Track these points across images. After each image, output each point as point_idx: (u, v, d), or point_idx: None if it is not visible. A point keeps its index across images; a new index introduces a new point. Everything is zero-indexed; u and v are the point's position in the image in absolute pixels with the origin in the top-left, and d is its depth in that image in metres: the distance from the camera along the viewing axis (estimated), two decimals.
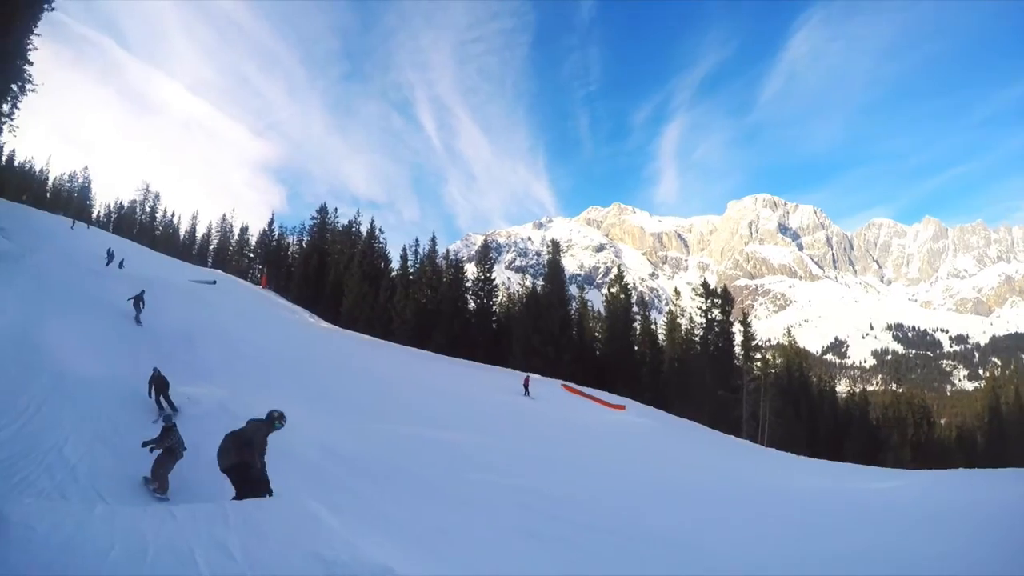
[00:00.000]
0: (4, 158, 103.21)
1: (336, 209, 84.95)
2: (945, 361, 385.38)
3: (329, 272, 73.13)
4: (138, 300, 27.25)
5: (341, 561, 6.45)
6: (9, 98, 39.69)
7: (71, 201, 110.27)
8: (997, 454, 66.51)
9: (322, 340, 46.24)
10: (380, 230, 75.79)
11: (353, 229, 77.93)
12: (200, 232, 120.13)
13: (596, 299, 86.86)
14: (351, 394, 26.52)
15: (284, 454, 13.81)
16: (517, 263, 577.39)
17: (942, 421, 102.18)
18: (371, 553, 7.05)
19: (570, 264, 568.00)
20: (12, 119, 40.91)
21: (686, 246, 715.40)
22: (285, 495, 9.38)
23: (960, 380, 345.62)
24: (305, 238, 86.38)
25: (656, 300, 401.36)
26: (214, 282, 53.72)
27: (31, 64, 39.71)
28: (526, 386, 43.60)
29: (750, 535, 18.50)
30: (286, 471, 11.81)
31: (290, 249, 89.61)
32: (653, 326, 76.44)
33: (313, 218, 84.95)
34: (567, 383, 54.05)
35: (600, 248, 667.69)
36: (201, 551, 6.24)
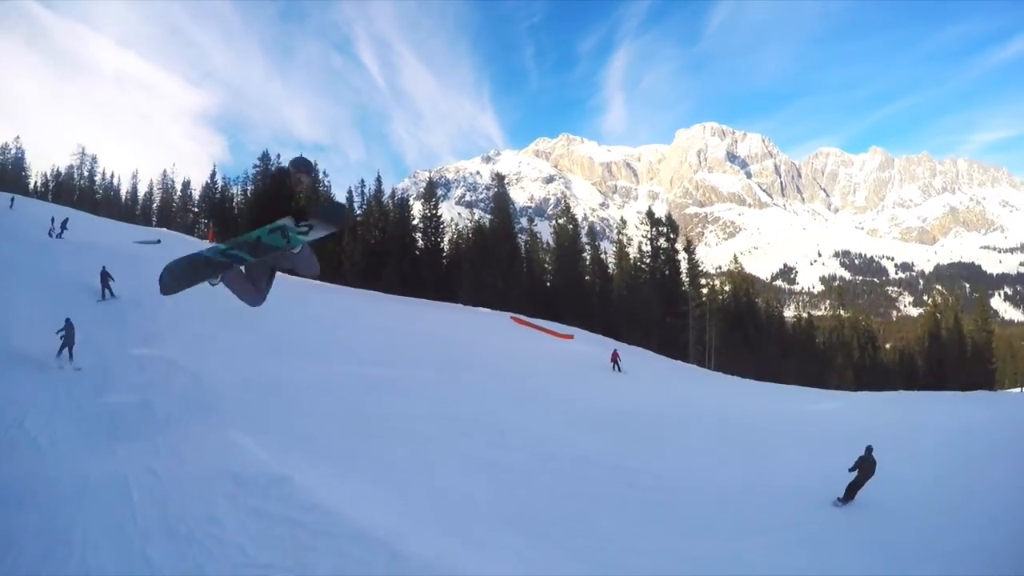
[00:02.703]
0: None
1: (279, 155, 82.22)
2: (891, 288, 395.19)
3: (274, 219, 71.59)
4: (104, 277, 27.03)
5: (248, 475, 7.39)
6: None
7: (5, 174, 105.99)
8: (937, 377, 69.29)
9: (272, 289, 45.91)
10: (324, 173, 75.00)
11: None
12: (142, 192, 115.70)
13: (546, 231, 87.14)
14: (301, 339, 26.70)
15: (232, 398, 14.34)
16: (467, 198, 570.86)
17: (887, 346, 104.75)
18: (275, 468, 7.94)
19: (520, 196, 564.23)
20: None
21: (635, 175, 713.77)
22: (214, 428, 10.05)
23: (906, 306, 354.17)
24: (249, 187, 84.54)
25: (607, 230, 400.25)
26: (158, 241, 52.33)
27: None
28: (615, 361, 39.72)
29: (682, 455, 19.58)
30: (232, 411, 12.35)
31: (235, 200, 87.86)
32: (603, 256, 76.94)
33: (255, 166, 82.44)
34: (517, 315, 54.64)
35: (550, 179, 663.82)
36: (134, 477, 7.15)
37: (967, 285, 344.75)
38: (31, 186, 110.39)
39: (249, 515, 6.62)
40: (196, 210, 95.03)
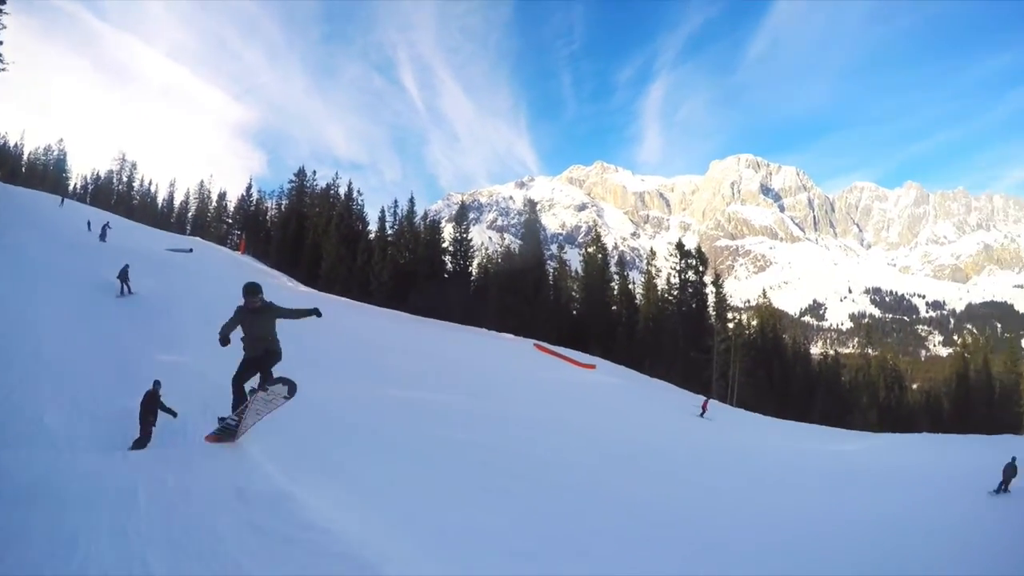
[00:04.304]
0: None
1: (315, 172, 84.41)
2: (921, 326, 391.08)
3: (307, 235, 72.88)
4: (124, 275, 27.40)
5: (253, 490, 7.58)
6: None
7: (47, 175, 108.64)
8: (962, 419, 68.04)
9: (299, 303, 46.34)
10: (358, 192, 75.78)
11: (331, 192, 77.88)
12: (178, 200, 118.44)
13: (576, 259, 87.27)
14: (328, 355, 26.76)
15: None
16: (499, 223, 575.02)
17: (914, 386, 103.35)
18: (282, 484, 8.14)
19: (552, 223, 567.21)
20: None
21: (668, 206, 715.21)
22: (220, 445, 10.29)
23: (935, 346, 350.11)
24: (284, 202, 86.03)
25: (637, 259, 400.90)
26: (190, 250, 53.33)
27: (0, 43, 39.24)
28: (704, 408, 42.56)
29: (699, 492, 19.52)
30: (257, 426, 12.53)
31: (269, 214, 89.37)
32: (632, 286, 76.67)
33: (291, 182, 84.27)
34: (540, 343, 54.73)
35: (582, 207, 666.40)
36: (144, 484, 7.35)
37: (999, 325, 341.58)
38: (71, 187, 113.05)
39: (249, 530, 6.78)
40: (230, 221, 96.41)
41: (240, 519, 7.08)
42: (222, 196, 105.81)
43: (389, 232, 71.70)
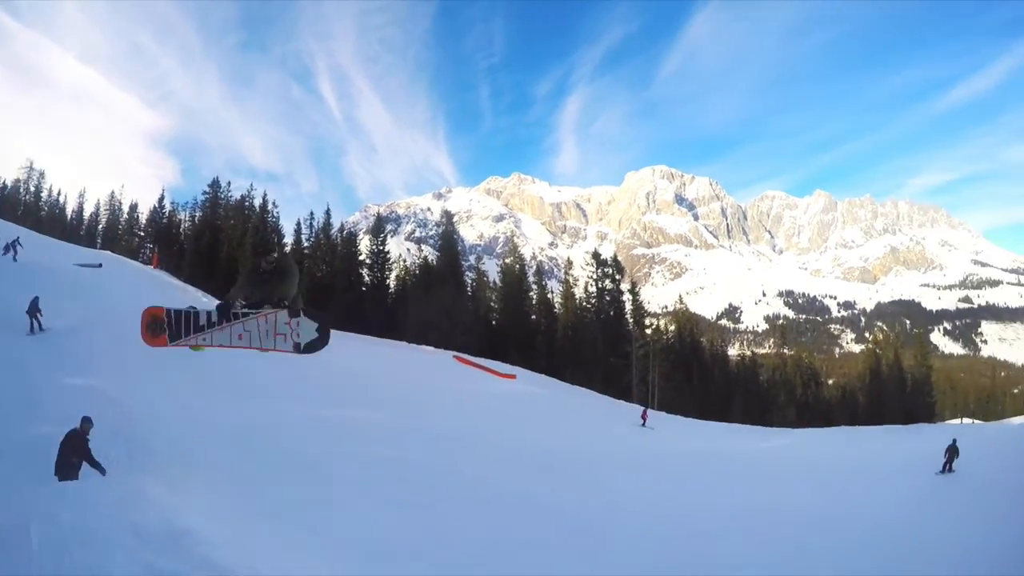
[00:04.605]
0: None
1: (229, 183, 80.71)
2: (834, 325, 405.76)
3: (222, 248, 70.49)
4: (34, 308, 24.76)
5: (149, 527, 7.36)
6: None
7: None
8: (877, 412, 70.61)
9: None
10: (274, 204, 74.02)
11: (246, 203, 75.39)
12: (88, 211, 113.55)
13: (494, 269, 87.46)
14: (246, 374, 26.14)
15: (162, 435, 14.18)
16: (417, 234, 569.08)
17: (830, 382, 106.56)
18: (180, 520, 7.97)
19: (470, 234, 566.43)
20: None
21: (585, 216, 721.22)
22: (129, 471, 10.03)
23: (848, 343, 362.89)
24: (198, 214, 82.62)
25: (555, 269, 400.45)
26: (100, 265, 51.12)
27: None
28: (644, 418, 43.88)
29: (612, 495, 19.92)
30: (158, 451, 12.23)
31: (182, 226, 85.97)
32: (550, 295, 77.45)
33: (205, 193, 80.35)
34: (459, 354, 54.61)
35: (500, 218, 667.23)
36: (36, 524, 7.10)
37: (907, 321, 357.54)
38: None
39: (143, 570, 6.69)
40: (142, 234, 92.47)
41: (134, 559, 6.83)
42: (134, 207, 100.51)
43: (305, 245, 70.60)
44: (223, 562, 7.06)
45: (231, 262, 67.51)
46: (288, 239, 72.28)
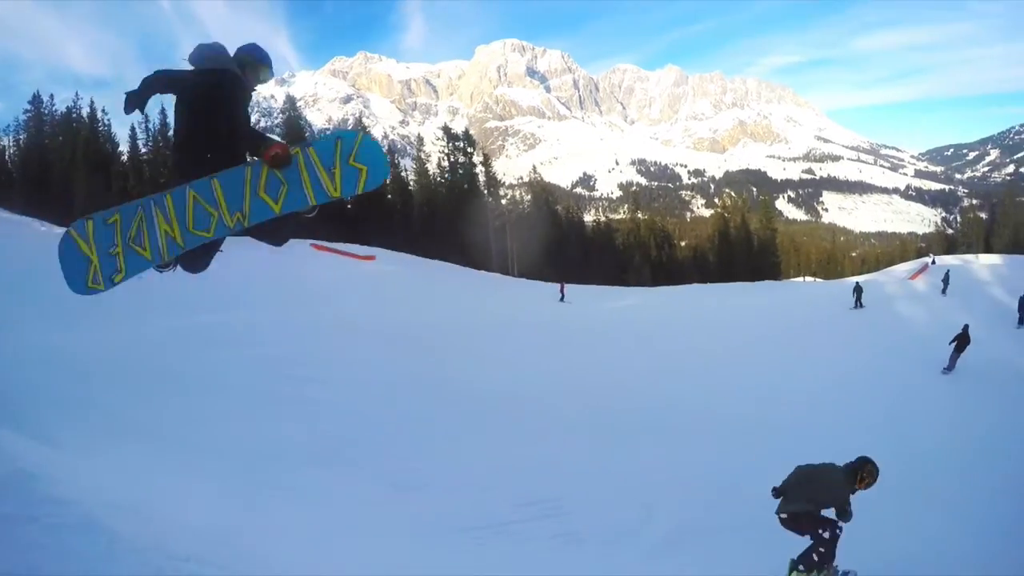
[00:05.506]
0: None
1: (52, 96, 71.65)
2: (685, 192, 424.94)
3: (53, 170, 63.50)
4: None
5: None
6: None
7: None
8: (727, 271, 75.01)
9: (50, 246, 41.66)
10: (103, 111, 67.88)
11: (73, 116, 67.79)
12: None
13: None
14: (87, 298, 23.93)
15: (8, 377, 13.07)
16: (262, 124, 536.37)
17: (682, 244, 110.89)
18: (18, 462, 7.32)
19: (317, 119, 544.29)
20: None
21: (435, 92, 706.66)
22: None
23: (698, 208, 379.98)
24: (22, 136, 75.24)
25: (408, 147, 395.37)
26: None
27: None
28: (562, 292, 43.99)
29: (494, 365, 20.44)
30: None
31: (8, 153, 78.01)
32: (404, 173, 76.78)
33: (27, 111, 70.05)
34: (316, 242, 53.60)
35: (347, 99, 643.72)
36: None
37: (755, 189, 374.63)
38: None
39: None
40: None
41: None
42: None
43: (143, 150, 65.66)
44: (64, 496, 6.48)
45: (65, 183, 62.05)
46: (124, 147, 67.23)
